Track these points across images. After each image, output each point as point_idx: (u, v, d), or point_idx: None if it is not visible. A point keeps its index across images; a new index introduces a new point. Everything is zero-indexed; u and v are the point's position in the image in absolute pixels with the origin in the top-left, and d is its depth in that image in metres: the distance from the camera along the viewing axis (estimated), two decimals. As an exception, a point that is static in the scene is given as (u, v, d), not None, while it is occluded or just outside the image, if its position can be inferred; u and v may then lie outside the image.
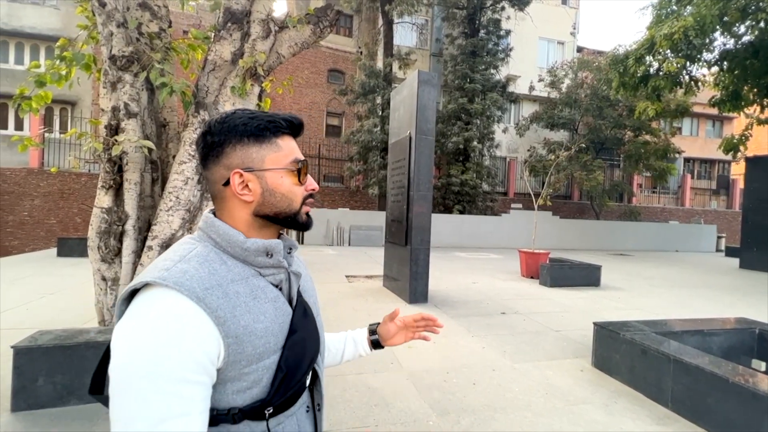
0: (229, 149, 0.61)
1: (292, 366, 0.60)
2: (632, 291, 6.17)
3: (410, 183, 4.86)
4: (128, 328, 0.50)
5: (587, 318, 4.35)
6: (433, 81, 4.88)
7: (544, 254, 7.00)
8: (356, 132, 13.70)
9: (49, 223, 12.00)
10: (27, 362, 2.07)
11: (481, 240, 12.60)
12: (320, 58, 17.17)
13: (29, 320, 3.56)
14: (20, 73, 13.41)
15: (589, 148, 15.15)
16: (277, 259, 0.62)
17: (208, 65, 2.89)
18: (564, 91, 16.03)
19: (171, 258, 0.56)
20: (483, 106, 13.38)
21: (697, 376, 2.25)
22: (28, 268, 6.22)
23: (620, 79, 9.90)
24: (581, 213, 18.40)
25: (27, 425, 1.96)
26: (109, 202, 2.66)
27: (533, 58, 18.79)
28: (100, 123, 2.64)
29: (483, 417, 2.22)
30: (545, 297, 5.45)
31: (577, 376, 2.84)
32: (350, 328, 3.36)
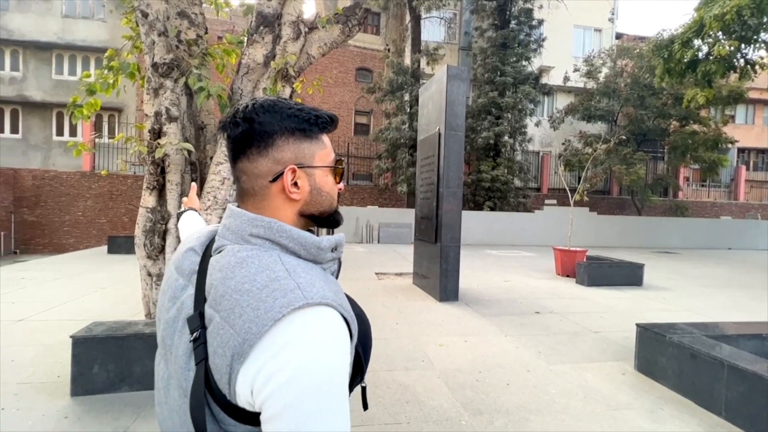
0: (281, 141, 0.57)
1: (363, 341, 0.62)
2: (679, 291, 5.80)
3: (440, 180, 4.80)
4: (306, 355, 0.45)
5: (629, 319, 4.13)
6: (462, 75, 4.80)
7: (581, 252, 6.72)
8: (384, 130, 13.71)
9: (100, 223, 12.89)
10: (84, 351, 2.24)
11: (513, 237, 12.28)
12: (348, 57, 17.31)
13: (84, 312, 3.85)
14: (73, 83, 14.46)
15: (630, 141, 14.33)
16: (340, 251, 0.61)
17: (242, 68, 2.99)
18: (602, 80, 15.24)
19: (278, 276, 0.50)
20: (514, 99, 12.98)
21: (755, 383, 2.08)
22: (82, 264, 6.71)
23: (665, 65, 9.29)
24: (621, 209, 17.47)
25: (84, 409, 2.12)
26: (153, 202, 2.81)
27: (568, 47, 18.00)
28: (144, 127, 2.79)
29: (517, 418, 2.17)
30: (582, 296, 5.23)
31: (618, 379, 2.71)
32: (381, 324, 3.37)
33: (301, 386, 0.43)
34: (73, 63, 14.95)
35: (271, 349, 0.45)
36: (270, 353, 0.45)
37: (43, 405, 2.15)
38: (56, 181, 12.47)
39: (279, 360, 0.44)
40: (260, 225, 0.55)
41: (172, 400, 0.54)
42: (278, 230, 0.55)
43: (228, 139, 0.58)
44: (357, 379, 0.60)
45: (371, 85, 14.98)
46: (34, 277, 5.52)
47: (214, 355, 0.49)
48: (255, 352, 0.46)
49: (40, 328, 3.38)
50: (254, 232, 0.55)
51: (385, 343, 3.25)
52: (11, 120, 14.64)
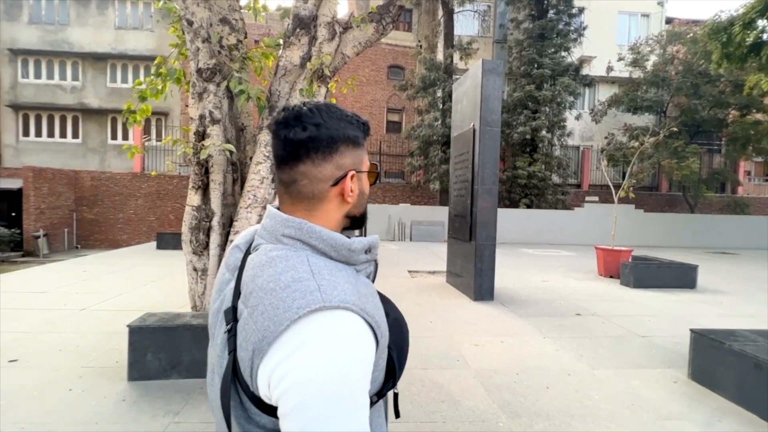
0: (343, 147, 0.59)
1: (399, 344, 0.62)
2: (738, 295, 5.34)
3: (474, 177, 4.71)
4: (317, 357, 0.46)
5: (680, 324, 3.87)
6: (498, 69, 4.67)
7: (625, 252, 6.36)
8: (417, 127, 13.62)
9: (149, 220, 13.78)
10: (138, 339, 2.41)
11: (551, 236, 11.82)
12: (380, 55, 17.34)
13: (138, 303, 4.14)
14: (126, 90, 15.52)
15: (682, 133, 13.31)
16: (375, 253, 0.62)
17: (279, 71, 3.08)
18: (649, 69, 14.27)
19: (302, 277, 0.51)
20: (553, 92, 12.45)
21: (832, 399, 1.88)
22: (134, 258, 7.21)
23: (723, 50, 8.54)
24: (671, 206, 16.31)
25: (140, 393, 2.29)
26: (198, 201, 2.97)
27: (611, 35, 16.99)
28: (190, 130, 2.94)
29: (558, 423, 2.09)
30: (628, 299, 4.95)
31: (669, 388, 2.54)
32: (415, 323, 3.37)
33: (312, 388, 0.44)
34: (125, 71, 16.04)
35: (287, 349, 0.47)
36: (285, 352, 0.46)
37: (104, 388, 2.33)
38: (111, 182, 13.47)
39: (293, 360, 0.46)
40: (292, 226, 0.56)
41: (215, 383, 0.58)
42: (308, 231, 0.56)
43: (286, 140, 0.57)
44: (389, 384, 0.59)
45: (403, 83, 14.93)
46: (93, 270, 6.00)
47: (240, 347, 0.51)
48: (272, 350, 0.47)
49: (100, 317, 3.67)
50: (286, 233, 0.57)
51: (419, 341, 3.24)
52: (72, 126, 15.95)
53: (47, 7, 15.46)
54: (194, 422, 2.02)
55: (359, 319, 0.50)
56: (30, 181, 11.54)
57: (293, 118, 0.57)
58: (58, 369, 2.57)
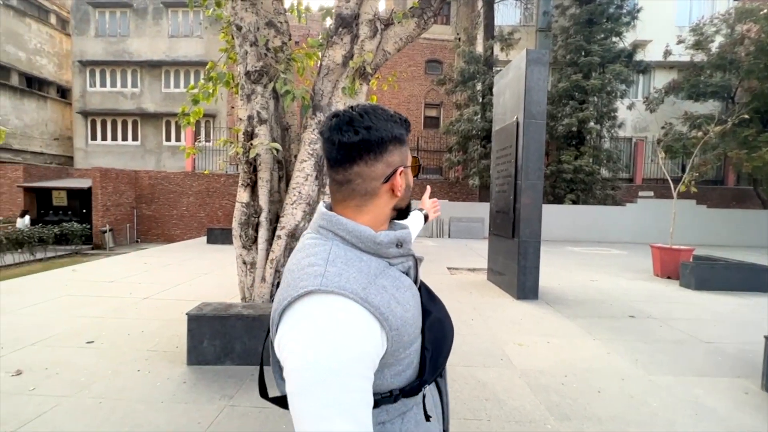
0: (391, 146, 0.62)
1: (437, 345, 0.64)
2: (823, 301, 4.77)
3: (517, 171, 4.56)
4: (303, 333, 0.51)
5: (752, 330, 3.53)
6: (543, 59, 4.47)
7: (686, 251, 5.88)
8: (455, 122, 13.37)
9: (199, 216, 14.68)
10: (196, 327, 2.58)
11: (600, 233, 11.18)
12: (417, 50, 17.19)
13: (192, 294, 4.43)
14: (178, 94, 16.59)
15: (753, 120, 12.01)
16: (407, 248, 0.65)
17: (322, 70, 3.15)
18: (715, 51, 12.99)
19: (316, 263, 0.57)
20: (602, 81, 11.71)
21: None
22: (187, 252, 7.72)
23: (805, 25, 7.61)
24: (740, 201, 14.82)
25: (197, 377, 2.46)
26: (247, 198, 3.12)
27: (669, 16, 15.66)
28: (239, 130, 3.09)
29: (611, 428, 1.99)
30: (689, 301, 4.59)
31: (739, 399, 2.33)
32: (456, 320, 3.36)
33: (297, 362, 0.50)
34: (177, 77, 17.13)
35: (288, 322, 0.53)
36: (287, 325, 0.53)
37: (167, 370, 2.53)
38: (166, 181, 14.48)
39: (290, 334, 0.52)
40: (324, 218, 0.63)
41: None
42: (336, 223, 0.61)
43: (340, 144, 0.60)
44: (415, 381, 0.61)
45: (441, 77, 14.70)
46: (152, 262, 6.50)
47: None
48: (281, 321, 0.55)
49: (161, 305, 3.97)
50: (321, 224, 0.63)
51: (460, 338, 3.20)
52: (132, 129, 17.32)
53: (110, 20, 16.84)
54: (247, 406, 2.14)
55: (356, 307, 0.52)
56: (98, 181, 12.69)
57: (345, 123, 0.60)
58: (127, 351, 2.82)
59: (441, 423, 0.71)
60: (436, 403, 0.70)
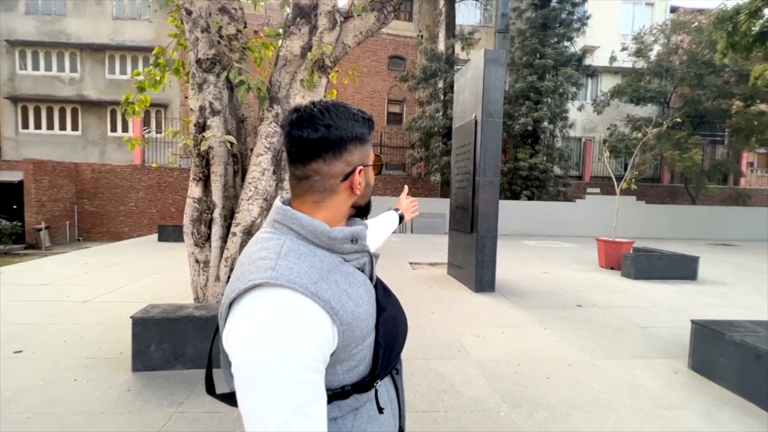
0: (351, 145, 0.63)
1: (390, 341, 0.65)
2: (739, 287, 5.35)
3: (476, 168, 4.69)
4: (252, 326, 0.50)
5: (681, 315, 3.88)
6: (500, 60, 4.61)
7: (627, 243, 6.36)
8: (418, 118, 13.53)
9: (150, 213, 13.80)
10: (142, 330, 2.42)
11: (552, 228, 11.82)
12: (380, 46, 17.15)
13: (140, 295, 4.16)
14: (125, 81, 15.41)
15: (685, 124, 13.21)
16: (362, 244, 0.64)
17: (279, 61, 3.05)
18: (653, 59, 14.11)
19: (268, 256, 0.57)
20: (555, 82, 12.33)
21: (832, 389, 1.89)
22: (136, 251, 7.24)
23: (728, 39, 8.43)
24: (673, 198, 16.27)
25: (144, 384, 2.31)
26: (199, 193, 2.96)
27: (615, 24, 16.77)
28: (191, 122, 2.92)
29: (559, 413, 2.11)
30: (629, 290, 4.97)
31: (669, 378, 2.56)
32: (416, 314, 3.39)
33: (243, 357, 0.49)
34: (123, 62, 15.89)
35: (236, 315, 0.53)
36: (235, 318, 0.53)
37: (109, 378, 2.36)
38: (112, 174, 13.44)
39: (237, 328, 0.51)
40: (280, 212, 0.62)
41: None
42: (291, 218, 0.61)
43: (300, 140, 0.61)
44: (367, 377, 0.61)
45: (404, 73, 14.78)
46: (95, 262, 6.02)
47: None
48: (229, 315, 0.54)
49: (103, 309, 3.69)
50: (276, 218, 0.63)
51: (420, 332, 3.26)
52: (72, 118, 15.87)
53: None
54: (198, 412, 2.04)
55: (306, 301, 0.52)
56: (30, 174, 11.53)
57: (306, 119, 0.60)
58: (63, 360, 2.59)
59: (397, 420, 0.71)
60: (392, 400, 0.70)
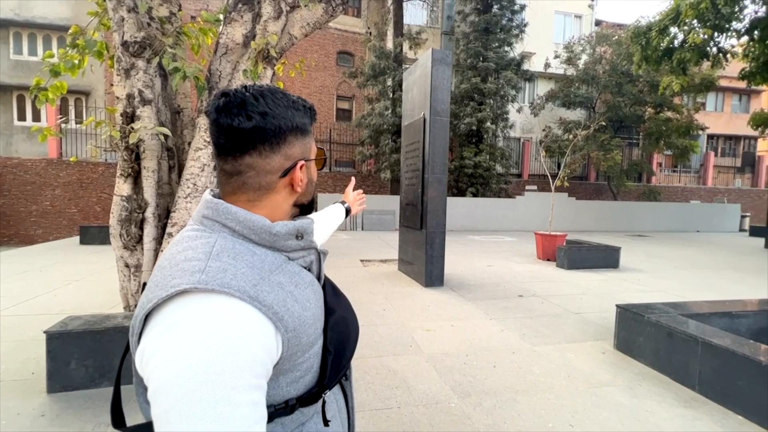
0: (291, 137, 0.56)
1: (339, 346, 0.60)
2: (653, 273, 6.04)
3: (425, 166, 4.78)
4: (176, 341, 0.42)
5: (607, 300, 4.29)
6: (446, 60, 4.74)
7: (561, 236, 6.89)
8: (367, 115, 13.53)
9: (70, 212, 12.32)
10: (59, 346, 2.14)
11: (496, 223, 12.48)
12: (329, 40, 16.86)
13: (58, 306, 3.69)
14: (35, 64, 13.57)
15: (608, 127, 14.66)
16: (308, 240, 0.58)
17: (220, 49, 2.85)
18: (581, 67, 15.44)
19: (195, 257, 0.48)
20: (497, 85, 13.01)
21: (727, 358, 2.19)
22: (53, 256, 6.42)
23: (642, 52, 9.46)
24: (598, 194, 17.99)
25: (62, 406, 2.04)
26: (128, 190, 2.68)
27: (549, 33, 18.08)
28: (116, 111, 2.63)
29: (505, 399, 2.22)
30: (563, 279, 5.38)
31: (599, 358, 2.81)
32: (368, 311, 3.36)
33: (165, 380, 0.41)
34: (33, 42, 13.99)
35: (153, 330, 0.44)
36: (153, 334, 0.44)
37: (18, 403, 2.05)
38: (20, 169, 11.79)
39: (159, 342, 0.43)
40: (210, 207, 0.54)
41: None
42: (224, 212, 0.53)
43: (229, 130, 0.52)
44: (314, 387, 0.56)
45: (353, 70, 14.68)
46: (1, 270, 5.23)
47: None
48: (146, 328, 0.46)
49: (12, 324, 3.21)
50: (206, 214, 0.54)
51: (372, 329, 3.26)
52: (-33, 103, 13.68)
53: (-75, -42, 12.95)
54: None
55: (244, 306, 0.45)
56: None
57: (236, 105, 0.52)
58: (-43, 386, 2.21)
59: (346, 429, 0.67)
60: (341, 409, 0.65)
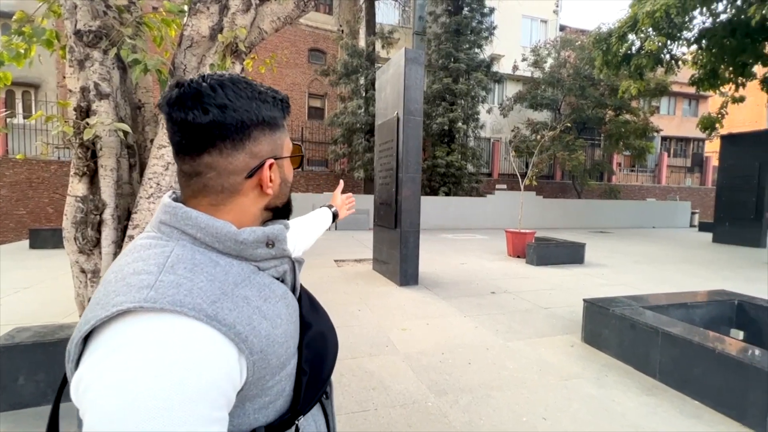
0: (258, 132, 0.50)
1: (316, 365, 0.54)
2: (615, 267, 6.35)
3: (399, 165, 4.78)
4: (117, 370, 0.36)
5: (574, 295, 4.46)
6: (419, 59, 4.75)
7: (530, 234, 7.10)
8: (340, 114, 13.41)
9: (18, 214, 11.43)
10: (6, 361, 1.96)
11: (468, 221, 12.72)
12: (300, 37, 16.57)
13: (5, 317, 3.39)
14: (-25, 53, 12.47)
15: (572, 128, 15.32)
16: (280, 248, 0.52)
17: (184, 41, 2.71)
18: (547, 70, 16.02)
19: (145, 269, 0.42)
20: (468, 86, 13.25)
21: (684, 347, 2.32)
22: (-1, 261, 5.92)
23: (603, 57, 9.92)
24: (563, 192, 18.74)
25: (9, 426, 1.87)
26: (83, 190, 2.50)
27: (517, 36, 18.62)
28: (69, 105, 2.45)
29: (480, 395, 2.25)
30: (532, 276, 5.55)
31: (568, 351, 2.90)
32: (343, 311, 3.30)
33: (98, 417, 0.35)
34: (-27, 29, 12.83)
35: (91, 359, 0.38)
36: (90, 362, 0.38)
37: (-44, 426, 1.86)
38: (-41, 168, 10.81)
39: (95, 374, 0.37)
40: (168, 211, 0.48)
41: None
42: (183, 217, 0.47)
43: (184, 125, 0.47)
44: (286, 414, 0.51)
45: (325, 68, 14.51)
46: (-64, 278, 4.76)
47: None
48: (83, 355, 0.40)
49: (-52, 338, 2.92)
50: (163, 219, 0.48)
51: (348, 330, 3.22)
52: None
53: None
54: (88, 450, 1.72)
55: (200, 328, 0.40)
56: None
57: (191, 97, 0.46)
58: None
59: None
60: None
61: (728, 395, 2.07)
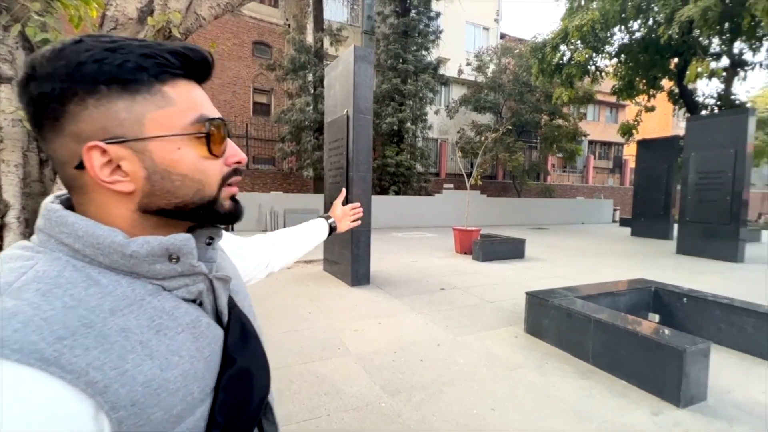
0: (75, 107, 0.36)
1: (234, 413, 0.42)
2: (552, 261, 6.84)
3: (349, 164, 4.72)
4: None
5: (517, 288, 4.72)
6: (369, 57, 4.73)
7: (476, 231, 7.41)
8: (287, 111, 12.99)
9: None
10: None
11: (417, 220, 12.98)
12: (243, 29, 15.80)
13: None
14: None
15: (513, 131, 16.29)
16: (186, 263, 0.41)
17: (107, 23, 2.42)
18: (489, 75, 16.87)
19: None
20: (416, 87, 13.52)
21: (612, 332, 2.54)
22: None
23: (539, 66, 10.66)
24: (505, 191, 19.88)
25: None
26: (-21, 189, 2.13)
27: (461, 41, 19.38)
28: (-43, 88, 2.07)
29: (432, 392, 2.28)
30: (479, 271, 5.79)
31: (513, 342, 3.05)
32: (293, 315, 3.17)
33: None
34: None
35: None
36: None
37: None
38: None
39: None
40: (43, 215, 0.39)
41: None
42: (57, 223, 0.38)
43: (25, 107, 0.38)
44: None
45: (271, 62, 13.98)
46: None
47: None
48: None
49: None
50: (39, 224, 0.39)
51: (298, 334, 3.11)
52: None
53: None
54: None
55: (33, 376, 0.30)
56: None
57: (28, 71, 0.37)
58: None
59: None
60: None
61: (649, 373, 2.30)
